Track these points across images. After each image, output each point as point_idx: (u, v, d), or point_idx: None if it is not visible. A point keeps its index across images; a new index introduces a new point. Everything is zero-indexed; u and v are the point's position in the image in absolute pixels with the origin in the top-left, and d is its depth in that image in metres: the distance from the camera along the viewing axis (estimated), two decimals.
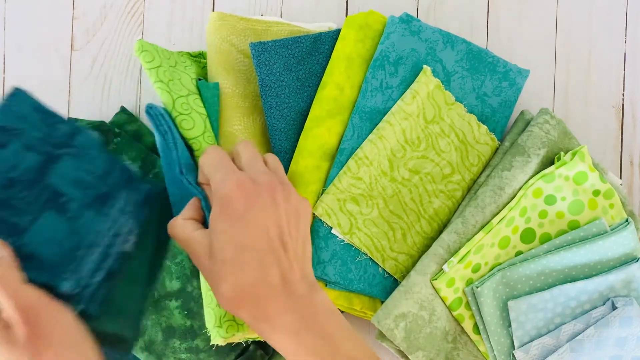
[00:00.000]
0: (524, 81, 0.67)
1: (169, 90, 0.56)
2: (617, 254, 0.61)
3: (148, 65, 0.57)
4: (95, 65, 0.70)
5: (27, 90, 0.47)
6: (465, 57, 0.64)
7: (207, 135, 0.57)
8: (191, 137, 0.56)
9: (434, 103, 0.62)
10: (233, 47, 0.62)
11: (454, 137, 0.64)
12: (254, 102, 0.63)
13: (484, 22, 0.71)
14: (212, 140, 0.57)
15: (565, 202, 0.62)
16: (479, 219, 0.61)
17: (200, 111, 0.57)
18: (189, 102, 0.57)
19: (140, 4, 0.70)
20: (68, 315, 0.42)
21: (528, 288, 0.61)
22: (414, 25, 0.63)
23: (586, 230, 0.62)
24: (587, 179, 0.62)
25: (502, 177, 0.62)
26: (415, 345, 0.59)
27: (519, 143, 0.63)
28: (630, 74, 0.71)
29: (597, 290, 0.60)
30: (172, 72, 0.58)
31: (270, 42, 0.61)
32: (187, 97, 0.57)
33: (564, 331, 0.60)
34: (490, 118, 0.66)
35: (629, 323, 0.58)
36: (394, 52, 0.62)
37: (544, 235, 0.63)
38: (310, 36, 0.63)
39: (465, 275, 0.61)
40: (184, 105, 0.56)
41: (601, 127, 0.71)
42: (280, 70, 0.61)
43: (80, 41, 0.70)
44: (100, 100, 0.70)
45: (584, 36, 0.71)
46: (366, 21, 0.63)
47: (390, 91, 0.62)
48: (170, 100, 0.56)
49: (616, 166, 0.71)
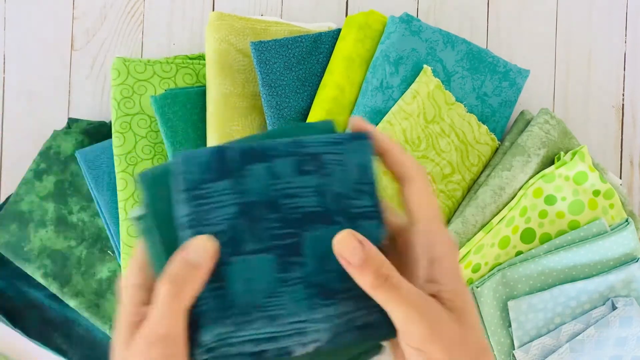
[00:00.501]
0: (524, 81, 0.67)
1: (117, 108, 0.63)
2: (617, 254, 0.61)
3: (112, 82, 0.64)
4: (95, 65, 0.70)
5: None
6: (466, 57, 0.64)
7: (131, 156, 0.63)
8: (116, 153, 0.63)
9: (434, 103, 0.62)
10: (232, 46, 0.62)
11: (454, 137, 0.64)
12: (252, 102, 0.63)
13: (484, 22, 0.71)
14: (148, 152, 0.63)
15: (565, 202, 0.62)
16: (479, 219, 0.61)
17: (139, 132, 0.64)
18: (132, 122, 0.64)
19: (140, 4, 0.70)
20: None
21: (528, 288, 0.61)
22: (414, 25, 0.63)
23: (586, 230, 0.62)
24: (587, 179, 0.62)
25: (502, 177, 0.62)
26: None
27: (519, 143, 0.63)
28: (630, 74, 0.71)
29: (597, 290, 0.60)
30: (138, 88, 0.64)
31: (270, 42, 0.61)
32: (133, 117, 0.63)
33: (564, 331, 0.60)
34: (490, 118, 0.66)
35: (629, 323, 0.58)
36: (395, 51, 0.62)
37: (544, 235, 0.63)
38: (310, 36, 0.63)
39: (465, 275, 0.61)
40: (123, 125, 0.63)
41: (601, 127, 0.71)
42: (280, 69, 0.61)
43: (80, 41, 0.70)
44: (100, 100, 0.70)
45: (584, 36, 0.71)
46: (366, 21, 0.63)
47: (390, 91, 0.62)
48: (114, 119, 0.63)
49: (616, 166, 0.71)
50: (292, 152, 0.39)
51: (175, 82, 0.65)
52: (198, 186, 0.38)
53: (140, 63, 0.64)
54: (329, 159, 0.40)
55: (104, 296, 0.64)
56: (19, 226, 0.64)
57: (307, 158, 0.40)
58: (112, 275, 0.65)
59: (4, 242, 0.64)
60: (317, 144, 0.40)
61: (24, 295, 0.67)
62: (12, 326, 0.65)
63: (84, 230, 0.65)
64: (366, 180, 0.40)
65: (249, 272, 0.38)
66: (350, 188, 0.40)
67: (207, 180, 0.38)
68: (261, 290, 0.38)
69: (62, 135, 0.65)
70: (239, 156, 0.38)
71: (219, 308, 0.37)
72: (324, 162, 0.40)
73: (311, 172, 0.39)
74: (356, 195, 0.40)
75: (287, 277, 0.38)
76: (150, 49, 0.70)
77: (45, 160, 0.65)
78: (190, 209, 0.37)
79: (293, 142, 0.39)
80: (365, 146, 0.40)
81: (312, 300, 0.38)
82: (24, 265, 0.64)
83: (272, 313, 0.38)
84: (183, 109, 0.63)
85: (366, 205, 0.40)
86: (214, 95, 0.61)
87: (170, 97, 0.62)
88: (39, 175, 0.65)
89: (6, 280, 0.67)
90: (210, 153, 0.38)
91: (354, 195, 0.40)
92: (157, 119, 0.62)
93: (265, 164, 0.39)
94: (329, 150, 0.40)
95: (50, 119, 0.69)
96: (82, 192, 0.65)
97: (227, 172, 0.38)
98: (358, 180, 0.40)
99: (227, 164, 0.38)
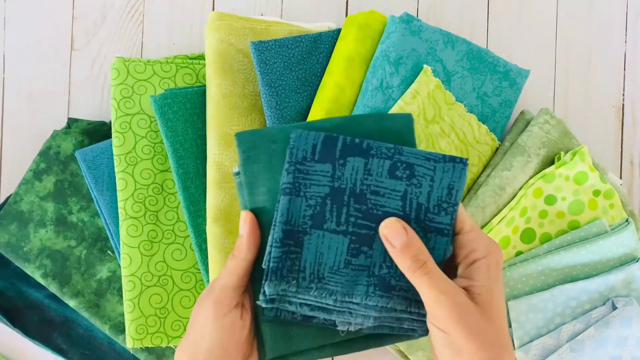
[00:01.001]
0: (524, 81, 0.67)
1: (117, 108, 0.63)
2: (617, 254, 0.61)
3: (112, 82, 0.63)
4: (95, 65, 0.70)
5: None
6: (466, 57, 0.64)
7: (131, 156, 0.63)
8: (116, 153, 0.62)
9: (434, 103, 0.62)
10: (232, 46, 0.62)
11: (454, 137, 0.64)
12: (252, 102, 0.63)
13: (484, 22, 0.71)
14: (148, 151, 0.63)
15: (565, 202, 0.62)
16: (479, 219, 0.61)
17: (139, 132, 0.63)
18: (132, 122, 0.63)
19: (140, 4, 0.70)
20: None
21: (528, 288, 0.61)
22: (415, 25, 0.63)
23: (586, 230, 0.62)
24: (587, 179, 0.62)
25: (502, 177, 0.62)
26: (416, 345, 0.59)
27: (519, 143, 0.63)
28: (630, 74, 0.71)
29: (597, 290, 0.60)
30: (138, 88, 0.63)
31: (270, 42, 0.61)
32: (133, 117, 0.63)
33: (564, 331, 0.60)
34: (490, 118, 0.66)
35: (629, 323, 0.58)
36: (395, 51, 0.62)
37: (544, 235, 0.63)
38: (310, 36, 0.63)
39: None
40: (123, 125, 0.63)
41: (601, 127, 0.71)
42: (280, 69, 0.61)
43: (80, 41, 0.70)
44: (100, 100, 0.70)
45: (584, 36, 0.71)
46: (366, 21, 0.63)
47: (390, 91, 0.62)
48: (114, 119, 0.63)
49: (616, 166, 0.71)
50: (390, 156, 0.44)
51: (175, 82, 0.65)
52: (304, 162, 0.43)
53: (140, 63, 0.64)
54: (422, 172, 0.44)
55: (103, 296, 0.64)
56: (18, 226, 0.64)
57: (402, 165, 0.44)
58: (112, 275, 0.65)
59: (4, 242, 0.64)
60: (414, 155, 0.44)
61: (24, 295, 0.67)
62: (12, 326, 0.65)
63: (84, 230, 0.65)
64: (450, 201, 0.44)
65: (323, 247, 0.43)
66: (434, 203, 0.44)
67: (312, 160, 0.43)
68: (328, 265, 0.43)
69: (62, 135, 0.65)
70: (343, 147, 0.44)
71: (289, 269, 0.42)
72: (415, 172, 0.44)
73: (402, 178, 0.44)
74: (437, 210, 0.44)
75: (354, 261, 0.42)
76: (150, 49, 0.70)
77: (45, 160, 0.65)
78: (292, 179, 0.43)
79: (394, 148, 0.44)
80: (460, 170, 0.44)
81: (370, 289, 0.42)
82: (24, 265, 0.64)
83: (331, 287, 0.42)
84: (183, 109, 0.63)
85: (442, 222, 0.44)
86: (213, 95, 0.61)
87: (169, 97, 0.62)
88: (39, 175, 0.65)
89: (6, 280, 0.67)
90: (321, 137, 0.44)
91: (434, 210, 0.44)
92: (157, 119, 0.62)
93: (364, 160, 0.44)
94: (423, 164, 0.44)
95: (50, 119, 0.69)
96: (81, 192, 0.65)
97: (330, 158, 0.44)
98: (442, 199, 0.44)
99: (332, 151, 0.44)
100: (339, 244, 0.43)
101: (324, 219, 0.43)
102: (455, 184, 0.44)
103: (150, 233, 0.62)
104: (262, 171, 0.45)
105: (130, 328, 0.61)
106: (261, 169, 0.45)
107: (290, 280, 0.43)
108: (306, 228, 0.43)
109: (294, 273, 0.43)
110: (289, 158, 0.43)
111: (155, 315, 0.62)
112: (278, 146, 0.45)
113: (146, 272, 0.62)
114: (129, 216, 0.62)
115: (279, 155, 0.45)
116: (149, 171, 0.63)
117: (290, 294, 0.43)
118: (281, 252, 0.42)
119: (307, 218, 0.43)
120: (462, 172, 0.44)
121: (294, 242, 0.43)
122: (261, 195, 0.45)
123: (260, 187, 0.45)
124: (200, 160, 0.62)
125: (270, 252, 0.43)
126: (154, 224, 0.63)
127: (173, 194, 0.64)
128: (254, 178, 0.45)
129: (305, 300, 0.43)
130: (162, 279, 0.62)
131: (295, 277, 0.42)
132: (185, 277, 0.63)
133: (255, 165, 0.45)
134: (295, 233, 0.43)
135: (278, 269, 0.42)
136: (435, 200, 0.44)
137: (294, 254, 0.43)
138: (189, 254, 0.63)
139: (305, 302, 0.43)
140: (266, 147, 0.45)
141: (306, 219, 0.43)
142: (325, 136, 0.43)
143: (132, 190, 0.62)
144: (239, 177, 0.46)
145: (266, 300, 0.43)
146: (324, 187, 0.43)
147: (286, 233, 0.43)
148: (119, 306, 0.64)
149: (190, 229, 0.62)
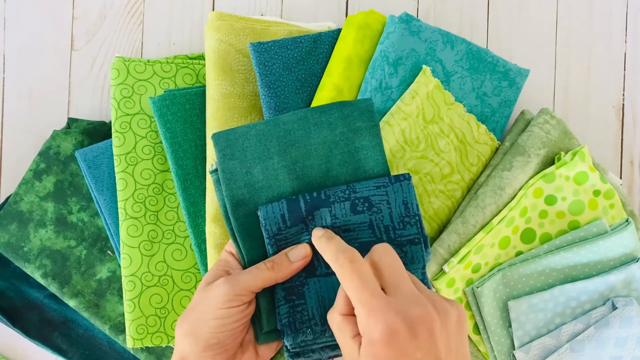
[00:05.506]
0: (524, 81, 0.67)
1: (117, 108, 0.63)
2: (618, 254, 0.61)
3: (112, 82, 0.64)
4: (95, 65, 0.70)
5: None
6: (465, 57, 0.64)
7: (131, 156, 0.63)
8: (116, 153, 0.63)
9: (433, 103, 0.62)
10: (231, 47, 0.62)
11: (454, 137, 0.63)
12: (252, 102, 0.63)
13: (484, 22, 0.71)
14: (148, 152, 0.63)
15: (565, 202, 0.62)
16: (479, 219, 0.61)
17: (139, 132, 0.63)
18: (132, 122, 0.63)
19: (140, 4, 0.70)
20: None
21: (528, 288, 0.61)
22: (414, 25, 0.63)
23: (586, 231, 0.61)
24: (587, 179, 0.62)
25: (502, 177, 0.62)
26: None
27: (519, 143, 0.63)
28: (630, 74, 0.71)
29: (598, 290, 0.60)
30: (138, 88, 0.64)
31: (269, 43, 0.61)
32: (133, 117, 0.63)
33: (564, 331, 0.60)
34: (490, 118, 0.66)
35: (629, 323, 0.58)
36: (394, 52, 0.62)
37: (544, 235, 0.63)
38: (309, 36, 0.63)
39: (465, 276, 0.61)
40: (123, 125, 0.63)
41: (601, 127, 0.71)
42: (279, 70, 0.61)
43: (80, 41, 0.70)
44: (100, 100, 0.70)
45: (584, 36, 0.71)
46: (366, 21, 0.63)
47: (389, 91, 0.62)
48: (114, 119, 0.63)
49: (616, 166, 0.71)
50: (347, 197, 0.50)
51: (175, 82, 0.65)
52: (280, 232, 0.50)
53: (140, 63, 0.64)
54: (377, 200, 0.51)
55: (103, 296, 0.64)
56: (18, 226, 0.64)
57: (359, 201, 0.50)
58: (112, 275, 0.65)
59: (4, 242, 0.64)
60: (366, 189, 0.51)
61: (24, 296, 0.67)
62: (12, 326, 0.65)
63: (84, 230, 0.65)
64: (410, 214, 0.50)
65: (322, 290, 0.49)
66: (397, 221, 0.50)
67: (286, 227, 0.50)
68: (332, 304, 0.47)
69: (62, 135, 0.65)
70: (306, 205, 0.50)
71: (300, 320, 0.48)
72: (373, 202, 0.50)
73: (364, 211, 0.50)
74: (402, 226, 0.50)
75: None
76: (150, 49, 0.70)
77: (45, 160, 0.65)
78: (277, 249, 0.50)
79: (347, 188, 0.51)
80: (407, 186, 0.51)
81: None
82: (24, 265, 0.64)
83: None
84: (182, 110, 0.63)
85: (411, 233, 0.50)
86: (213, 96, 0.61)
87: (168, 99, 0.62)
88: (39, 175, 0.65)
89: (6, 280, 0.67)
90: (285, 205, 0.50)
91: (400, 227, 0.50)
92: (156, 121, 0.62)
93: (327, 208, 0.50)
94: (376, 193, 0.51)
95: (50, 119, 0.69)
96: (81, 192, 0.65)
97: (300, 219, 0.50)
98: (403, 215, 0.50)
99: (299, 213, 0.50)
100: (334, 282, 0.49)
101: (314, 267, 0.49)
102: (408, 198, 0.51)
103: (151, 233, 0.62)
104: (238, 166, 0.51)
105: (131, 328, 0.61)
106: (237, 164, 0.51)
107: (305, 330, 0.48)
108: (302, 280, 0.49)
109: (305, 323, 0.48)
110: (267, 234, 0.50)
111: (155, 315, 0.62)
112: (250, 142, 0.52)
113: (146, 272, 0.62)
114: (129, 216, 0.62)
115: (251, 149, 0.52)
116: (149, 171, 0.63)
117: (310, 342, 0.48)
118: (288, 307, 0.48)
119: (299, 272, 0.49)
120: (409, 186, 0.51)
121: (296, 296, 0.49)
122: (240, 189, 0.51)
123: (237, 181, 0.51)
124: (200, 161, 0.62)
125: (278, 312, 0.49)
126: (154, 224, 0.63)
127: (173, 194, 0.64)
128: (231, 174, 0.51)
129: (324, 343, 0.48)
130: (162, 279, 0.62)
131: (308, 326, 0.48)
132: (185, 277, 0.63)
133: (231, 162, 0.51)
134: (293, 288, 0.49)
135: (290, 322, 0.48)
136: (398, 218, 0.50)
137: (300, 306, 0.48)
138: (189, 254, 0.63)
139: (325, 344, 0.48)
140: (239, 144, 0.52)
141: (299, 273, 0.49)
142: (287, 203, 0.50)
143: (132, 190, 0.62)
144: (215, 174, 0.52)
145: (290, 355, 0.48)
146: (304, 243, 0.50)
147: (286, 290, 0.49)
148: (119, 306, 0.64)
149: (190, 230, 0.62)
